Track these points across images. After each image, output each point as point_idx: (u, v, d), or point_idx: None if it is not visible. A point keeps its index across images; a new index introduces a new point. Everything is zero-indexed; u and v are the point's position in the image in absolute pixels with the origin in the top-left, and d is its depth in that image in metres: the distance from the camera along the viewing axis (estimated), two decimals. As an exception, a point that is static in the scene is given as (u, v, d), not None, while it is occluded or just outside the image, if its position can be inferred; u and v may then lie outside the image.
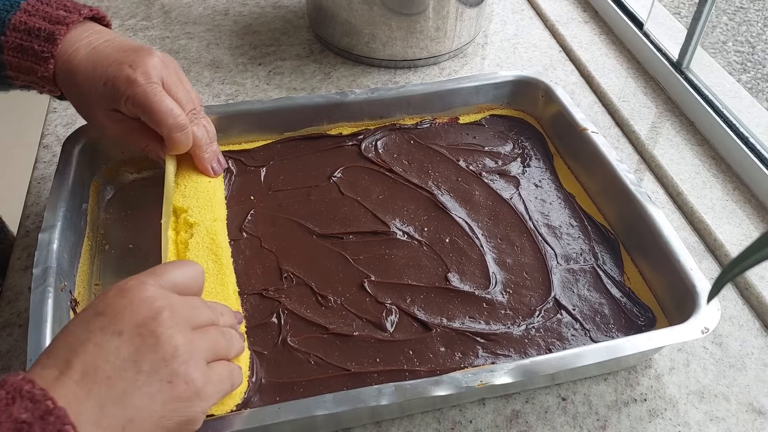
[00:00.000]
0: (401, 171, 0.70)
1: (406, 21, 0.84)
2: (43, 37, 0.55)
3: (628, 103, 0.84)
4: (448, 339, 0.56)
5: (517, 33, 0.97)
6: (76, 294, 0.57)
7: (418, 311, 0.58)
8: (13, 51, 0.55)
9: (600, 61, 0.92)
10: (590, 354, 0.51)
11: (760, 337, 0.61)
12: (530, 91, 0.77)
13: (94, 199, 0.66)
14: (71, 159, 0.63)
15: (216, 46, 0.91)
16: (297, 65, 0.89)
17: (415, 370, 0.53)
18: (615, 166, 0.66)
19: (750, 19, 2.06)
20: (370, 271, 0.60)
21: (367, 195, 0.68)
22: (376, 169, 0.70)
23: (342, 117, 0.74)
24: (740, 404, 0.56)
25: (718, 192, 0.73)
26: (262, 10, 0.99)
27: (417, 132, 0.75)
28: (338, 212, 0.66)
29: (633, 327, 0.58)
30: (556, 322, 0.58)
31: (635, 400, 0.55)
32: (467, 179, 0.70)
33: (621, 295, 0.60)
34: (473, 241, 0.64)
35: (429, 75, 0.89)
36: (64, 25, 0.55)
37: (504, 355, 0.55)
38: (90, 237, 0.63)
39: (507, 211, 0.67)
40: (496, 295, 0.59)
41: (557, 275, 0.61)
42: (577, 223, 0.66)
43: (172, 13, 0.98)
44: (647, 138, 0.79)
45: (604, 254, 0.63)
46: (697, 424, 0.54)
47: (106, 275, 0.62)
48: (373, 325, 0.57)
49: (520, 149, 0.74)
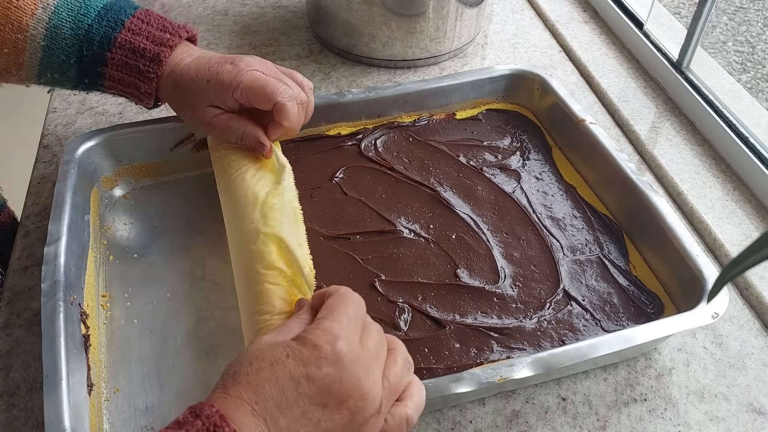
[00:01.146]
0: (402, 169, 0.70)
1: (406, 21, 0.84)
2: (148, 57, 0.59)
3: (628, 103, 0.85)
4: (462, 335, 0.56)
5: (517, 33, 0.97)
6: (85, 306, 0.56)
7: (431, 309, 0.58)
8: (118, 67, 0.60)
9: (600, 61, 0.92)
10: (606, 344, 0.51)
11: (760, 337, 0.61)
12: (526, 84, 0.77)
13: (95, 209, 0.65)
14: (70, 170, 0.63)
15: (216, 46, 0.91)
16: (297, 65, 0.88)
17: (432, 368, 0.54)
18: (615, 156, 0.66)
19: (750, 19, 2.06)
20: (380, 271, 0.61)
21: (371, 194, 0.68)
22: (377, 168, 0.70)
23: (340, 117, 0.74)
24: (740, 404, 0.56)
25: (718, 192, 0.73)
26: (261, 10, 0.98)
27: (415, 129, 0.75)
28: (343, 213, 0.66)
29: (643, 315, 0.58)
30: (567, 314, 0.58)
31: (635, 400, 0.56)
32: (469, 175, 0.70)
33: (628, 284, 0.61)
34: (479, 237, 0.64)
35: (429, 75, 0.88)
36: (168, 48, 0.60)
37: (519, 349, 0.55)
38: (94, 248, 0.62)
39: (510, 205, 0.67)
40: (506, 289, 0.60)
41: (564, 267, 0.62)
42: (580, 214, 0.67)
43: (172, 13, 0.97)
44: (647, 138, 0.80)
45: (609, 244, 0.64)
46: (697, 424, 0.54)
47: (113, 286, 0.61)
48: (386, 324, 0.57)
49: (519, 142, 0.75)
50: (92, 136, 0.66)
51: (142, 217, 0.67)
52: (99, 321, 0.58)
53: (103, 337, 0.57)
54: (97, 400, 0.52)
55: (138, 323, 0.58)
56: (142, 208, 0.68)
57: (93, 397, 0.51)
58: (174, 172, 0.71)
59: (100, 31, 0.59)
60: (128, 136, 0.67)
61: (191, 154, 0.70)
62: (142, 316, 0.59)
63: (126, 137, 0.67)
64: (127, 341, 0.57)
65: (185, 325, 0.58)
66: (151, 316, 0.59)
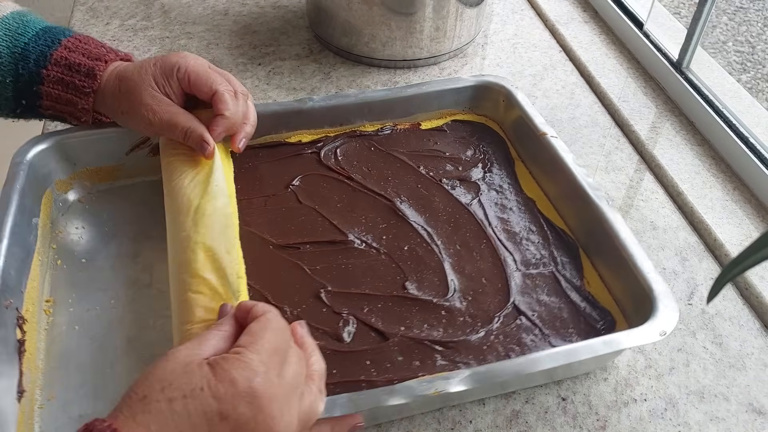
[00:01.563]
0: (360, 178, 0.69)
1: (406, 21, 0.84)
2: (83, 72, 0.60)
3: (628, 103, 0.85)
4: (406, 348, 0.55)
5: (517, 33, 0.98)
6: (23, 311, 0.55)
7: (376, 321, 0.57)
8: (54, 84, 0.60)
9: (600, 61, 0.92)
10: (546, 359, 0.50)
11: (760, 337, 0.61)
12: (491, 95, 0.77)
13: (46, 212, 0.65)
14: (19, 172, 0.62)
15: (216, 46, 0.91)
16: (296, 65, 0.88)
17: (372, 380, 0.53)
18: (573, 171, 0.66)
19: (750, 19, 2.08)
20: (327, 281, 0.60)
21: (326, 203, 0.67)
22: (335, 177, 0.70)
23: (301, 124, 0.73)
24: (740, 404, 0.56)
25: (718, 192, 0.74)
26: (261, 9, 0.99)
27: (378, 139, 0.74)
28: (295, 221, 0.65)
29: (592, 331, 0.57)
30: (515, 328, 0.57)
31: (635, 400, 0.56)
32: (427, 186, 0.69)
33: (580, 300, 0.60)
34: (432, 249, 0.63)
35: (429, 75, 0.89)
36: (103, 62, 0.60)
37: (463, 362, 0.54)
38: (41, 252, 0.61)
39: (467, 217, 0.66)
40: (454, 302, 0.59)
41: (516, 281, 0.61)
42: (537, 228, 0.66)
43: (171, 13, 0.97)
44: (647, 138, 0.80)
45: (564, 259, 0.63)
46: (697, 424, 0.54)
47: (58, 291, 0.60)
48: (329, 335, 0.56)
49: (482, 155, 0.74)
50: (44, 138, 0.65)
51: (95, 222, 0.67)
52: (40, 326, 0.57)
53: (43, 342, 0.56)
54: (29, 407, 0.51)
55: (79, 329, 0.57)
56: (96, 212, 0.67)
57: (24, 403, 0.50)
58: (130, 176, 0.70)
59: (37, 49, 0.59)
60: (82, 139, 0.67)
61: (147, 159, 0.69)
62: (84, 323, 0.58)
63: (80, 140, 0.67)
64: (67, 348, 0.56)
65: (127, 333, 0.57)
66: (93, 323, 0.58)
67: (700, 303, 0.63)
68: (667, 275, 0.66)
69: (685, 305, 0.63)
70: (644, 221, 0.71)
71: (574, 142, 0.80)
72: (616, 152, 0.79)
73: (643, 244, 0.67)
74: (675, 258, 0.67)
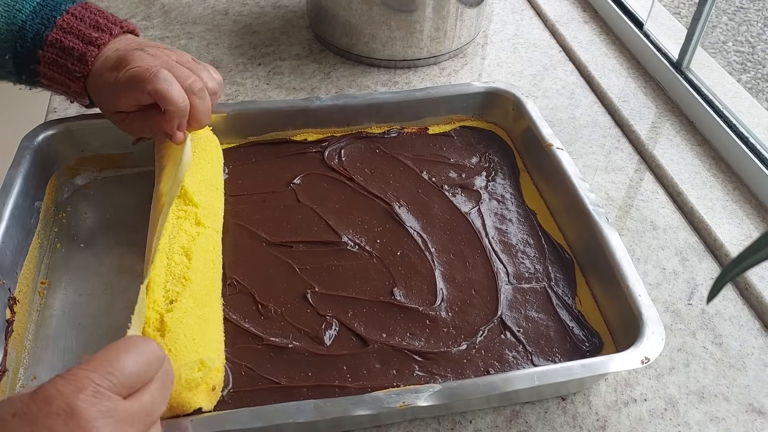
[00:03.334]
0: (361, 180, 0.69)
1: (406, 21, 0.83)
2: (76, 56, 0.59)
3: (628, 103, 0.84)
4: (384, 356, 0.55)
5: (517, 33, 0.97)
6: (16, 292, 0.57)
7: (359, 325, 0.57)
8: (50, 65, 0.60)
9: (600, 61, 0.91)
10: (520, 379, 0.49)
11: (760, 337, 0.60)
12: (501, 103, 0.76)
13: (50, 197, 0.66)
14: (26, 156, 0.63)
15: (216, 46, 0.92)
16: (297, 65, 0.89)
17: (345, 387, 0.52)
18: (576, 185, 0.64)
19: (750, 19, 2.06)
20: (316, 282, 0.60)
21: (324, 203, 0.67)
22: (336, 177, 0.70)
23: (308, 123, 0.73)
24: (740, 404, 0.55)
25: (718, 192, 0.73)
26: (261, 9, 0.99)
27: (383, 141, 0.74)
28: (291, 220, 0.65)
29: (577, 352, 0.56)
30: (498, 343, 0.56)
31: (635, 400, 0.55)
32: (428, 191, 0.69)
33: (570, 319, 0.58)
34: (424, 256, 0.62)
35: (429, 75, 0.88)
36: (95, 46, 0.59)
37: (441, 375, 0.54)
38: (41, 235, 0.63)
39: (464, 225, 0.66)
40: (440, 312, 0.58)
41: (506, 294, 0.60)
42: (535, 241, 0.65)
43: (171, 13, 0.98)
44: (647, 138, 0.79)
45: (558, 275, 0.62)
46: (697, 424, 0.54)
47: (54, 274, 0.62)
48: (310, 337, 0.56)
49: (487, 163, 0.73)
50: (54, 124, 0.67)
51: (98, 208, 0.68)
52: (32, 308, 0.58)
53: (33, 324, 0.58)
54: (9, 386, 0.52)
55: (69, 313, 0.59)
56: (100, 199, 0.69)
57: (4, 382, 0.51)
58: (137, 165, 0.71)
59: (33, 28, 0.59)
60: (91, 126, 0.68)
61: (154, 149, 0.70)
62: (74, 307, 0.59)
63: (89, 128, 0.68)
64: (55, 330, 0.57)
65: (114, 321, 0.58)
66: (83, 308, 0.59)
67: (700, 303, 0.63)
68: (667, 275, 0.65)
69: (685, 305, 0.62)
70: (644, 221, 0.70)
71: (574, 142, 0.79)
72: (616, 152, 0.78)
73: (643, 245, 0.67)
74: (675, 258, 0.66)
